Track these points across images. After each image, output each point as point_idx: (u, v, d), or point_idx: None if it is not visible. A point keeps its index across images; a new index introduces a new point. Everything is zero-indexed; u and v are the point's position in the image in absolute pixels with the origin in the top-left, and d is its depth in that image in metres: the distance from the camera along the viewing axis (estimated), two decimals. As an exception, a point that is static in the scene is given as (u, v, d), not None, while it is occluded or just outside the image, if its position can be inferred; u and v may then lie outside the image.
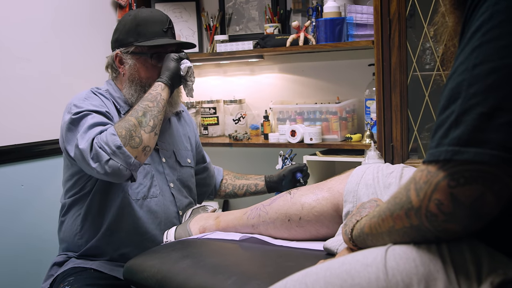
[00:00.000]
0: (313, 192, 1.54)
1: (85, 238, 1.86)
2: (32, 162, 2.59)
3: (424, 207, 0.78)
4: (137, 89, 1.88)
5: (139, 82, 1.88)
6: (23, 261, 2.51)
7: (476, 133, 0.73)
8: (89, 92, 1.86)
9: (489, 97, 0.73)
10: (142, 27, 1.86)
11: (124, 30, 1.89)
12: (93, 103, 1.79)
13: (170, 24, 1.91)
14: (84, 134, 1.67)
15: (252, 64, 3.16)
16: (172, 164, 1.99)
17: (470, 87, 0.75)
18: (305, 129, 2.67)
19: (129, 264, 1.56)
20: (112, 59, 1.93)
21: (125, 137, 1.63)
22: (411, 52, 2.33)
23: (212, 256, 1.47)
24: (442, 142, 0.76)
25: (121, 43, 1.89)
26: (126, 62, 1.89)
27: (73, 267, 1.83)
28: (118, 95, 1.92)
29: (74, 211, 1.88)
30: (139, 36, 1.86)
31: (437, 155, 0.76)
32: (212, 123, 3.11)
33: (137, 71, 1.88)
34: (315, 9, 2.75)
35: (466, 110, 0.74)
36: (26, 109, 2.56)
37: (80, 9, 2.83)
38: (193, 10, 3.21)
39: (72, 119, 1.73)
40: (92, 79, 2.88)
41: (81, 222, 1.86)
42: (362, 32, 2.60)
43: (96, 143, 1.63)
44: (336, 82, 2.94)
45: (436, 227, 0.79)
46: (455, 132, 0.74)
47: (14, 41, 2.52)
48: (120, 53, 1.89)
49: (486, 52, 0.75)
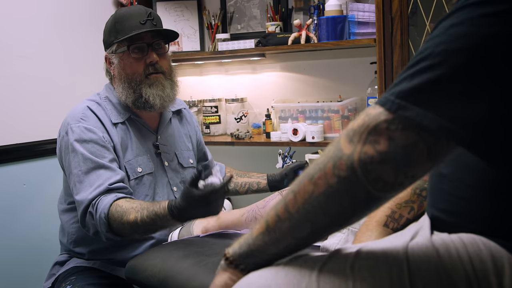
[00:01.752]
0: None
1: (84, 246, 1.87)
2: (34, 161, 2.59)
3: (358, 151, 0.76)
4: (125, 86, 1.84)
5: (126, 79, 1.84)
6: (24, 260, 2.51)
7: (424, 93, 0.75)
8: (85, 109, 1.81)
9: (450, 62, 0.74)
10: (119, 23, 1.84)
11: (106, 31, 1.89)
12: (88, 126, 1.76)
13: (149, 16, 1.85)
14: (79, 184, 1.68)
15: (254, 63, 3.15)
16: (175, 166, 1.98)
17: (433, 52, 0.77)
18: (307, 127, 2.66)
19: (131, 263, 1.56)
20: (105, 65, 1.94)
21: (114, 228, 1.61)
22: (413, 50, 2.33)
23: (214, 255, 1.47)
24: (393, 89, 0.77)
25: (106, 44, 1.89)
26: (113, 62, 1.88)
27: (75, 266, 1.84)
28: (118, 101, 1.89)
29: (71, 219, 1.89)
30: (118, 33, 1.83)
31: (384, 101, 0.77)
32: (214, 122, 3.11)
33: (122, 69, 1.85)
34: (316, 7, 2.75)
35: (423, 69, 0.76)
36: (27, 108, 2.56)
37: (81, 9, 2.83)
38: (194, 9, 3.21)
39: (70, 147, 1.74)
40: (93, 78, 2.88)
41: (78, 230, 1.86)
42: (364, 30, 2.59)
43: (91, 211, 1.63)
44: (338, 80, 2.93)
45: (369, 173, 0.76)
46: (406, 85, 0.76)
47: (16, 40, 2.52)
48: (108, 54, 1.89)
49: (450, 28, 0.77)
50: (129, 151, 1.84)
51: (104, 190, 1.65)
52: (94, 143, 1.73)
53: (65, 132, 1.77)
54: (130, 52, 1.82)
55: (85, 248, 1.86)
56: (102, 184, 1.66)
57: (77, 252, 1.88)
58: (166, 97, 1.86)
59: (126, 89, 1.84)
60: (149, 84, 1.83)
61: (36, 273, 2.50)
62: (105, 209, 1.60)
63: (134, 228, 1.58)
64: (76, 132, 1.74)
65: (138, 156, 1.86)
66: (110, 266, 1.83)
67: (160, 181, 1.91)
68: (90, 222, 1.64)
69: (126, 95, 1.84)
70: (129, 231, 1.60)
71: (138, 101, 1.83)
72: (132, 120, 1.90)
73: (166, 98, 1.86)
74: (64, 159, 1.78)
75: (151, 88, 1.83)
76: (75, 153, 1.72)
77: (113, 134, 1.81)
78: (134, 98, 1.83)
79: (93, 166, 1.69)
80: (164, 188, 1.91)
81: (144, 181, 1.84)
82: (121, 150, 1.81)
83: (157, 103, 1.83)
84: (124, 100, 1.86)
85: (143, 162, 1.86)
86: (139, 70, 1.83)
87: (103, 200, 1.63)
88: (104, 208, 1.61)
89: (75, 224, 1.85)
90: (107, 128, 1.80)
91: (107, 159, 1.72)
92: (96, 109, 1.83)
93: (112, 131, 1.81)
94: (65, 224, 1.90)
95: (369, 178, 0.76)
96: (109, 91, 1.92)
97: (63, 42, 2.73)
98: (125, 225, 1.58)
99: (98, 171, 1.69)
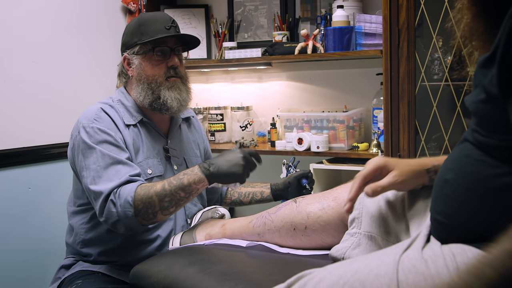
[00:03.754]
0: (318, 201, 1.53)
1: (92, 246, 1.87)
2: (40, 165, 2.60)
3: None
4: (144, 87, 1.88)
5: (145, 80, 1.89)
6: (30, 264, 2.52)
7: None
8: (98, 110, 1.83)
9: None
10: (145, 26, 1.89)
11: (129, 33, 1.92)
12: (102, 127, 1.78)
13: (173, 23, 1.92)
14: (98, 178, 1.69)
15: (260, 71, 3.17)
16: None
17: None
18: (312, 137, 2.67)
19: (136, 269, 1.56)
20: (121, 64, 1.95)
21: (139, 210, 1.64)
22: (419, 62, 2.34)
23: (219, 263, 1.47)
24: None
25: (127, 45, 1.92)
26: (133, 63, 1.91)
27: (81, 270, 1.84)
28: (131, 105, 1.92)
29: (81, 220, 1.89)
30: (142, 35, 1.88)
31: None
32: (219, 130, 3.12)
33: (143, 70, 1.89)
34: (323, 18, 2.76)
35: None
36: (34, 112, 2.58)
37: (90, 15, 2.85)
38: (202, 17, 3.23)
39: (84, 145, 1.75)
40: (101, 84, 2.90)
41: (87, 231, 1.87)
42: (371, 42, 2.60)
43: (112, 200, 1.66)
44: (343, 91, 2.94)
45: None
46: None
47: (27, 45, 2.54)
48: (128, 55, 1.91)
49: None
50: (140, 153, 1.86)
51: (125, 181, 1.69)
52: (108, 143, 1.76)
53: (78, 131, 1.79)
54: (154, 54, 1.88)
55: (93, 249, 1.86)
56: (123, 177, 1.69)
57: (84, 254, 1.88)
58: (183, 101, 1.92)
59: (145, 90, 1.88)
60: (168, 87, 1.89)
61: (40, 276, 2.51)
62: (131, 192, 1.64)
63: (160, 198, 1.64)
64: (91, 133, 1.76)
65: (149, 159, 1.88)
66: (116, 270, 1.84)
67: None
68: (110, 211, 1.65)
69: (144, 96, 1.88)
70: (155, 204, 1.64)
71: (156, 103, 1.88)
72: (144, 123, 1.92)
73: (182, 102, 1.92)
74: (76, 158, 1.79)
75: (169, 91, 1.88)
76: (92, 150, 1.74)
77: (126, 135, 1.83)
78: (152, 99, 1.87)
79: (112, 162, 1.72)
80: None
81: None
82: (133, 151, 1.83)
83: (174, 105, 1.88)
84: (142, 101, 1.89)
85: (153, 164, 1.88)
86: (160, 72, 1.89)
87: (126, 187, 1.67)
88: (130, 191, 1.65)
89: (85, 225, 1.87)
90: (120, 129, 1.82)
91: (123, 157, 1.75)
92: (109, 110, 1.85)
93: (125, 132, 1.84)
94: (75, 225, 1.90)
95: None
96: (121, 95, 1.95)
97: (71, 48, 2.75)
98: (152, 198, 1.64)
99: (116, 166, 1.72)
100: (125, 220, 1.65)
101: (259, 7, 3.12)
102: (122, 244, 1.83)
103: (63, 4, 2.71)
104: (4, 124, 2.46)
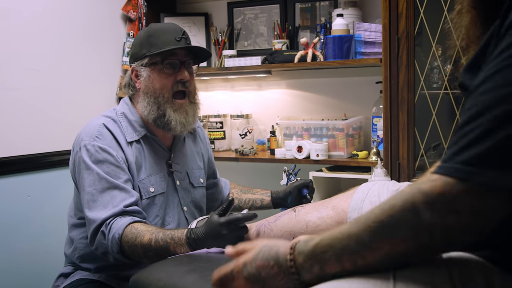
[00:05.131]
0: (317, 210, 1.53)
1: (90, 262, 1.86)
2: (39, 173, 2.60)
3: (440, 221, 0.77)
4: (150, 101, 1.82)
5: (153, 94, 1.82)
6: (28, 272, 2.51)
7: (493, 155, 0.74)
8: (101, 127, 1.78)
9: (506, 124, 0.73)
10: (154, 37, 1.82)
11: (137, 44, 1.86)
12: (103, 146, 1.75)
13: (184, 34, 1.85)
14: (93, 203, 1.69)
15: (260, 80, 3.17)
16: (186, 186, 1.97)
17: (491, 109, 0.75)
18: (312, 145, 2.67)
19: (135, 277, 1.56)
20: (129, 76, 1.89)
21: (125, 251, 1.64)
22: (419, 71, 2.34)
23: (219, 270, 1.46)
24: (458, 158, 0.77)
25: (136, 56, 1.85)
26: (141, 75, 1.84)
27: (80, 278, 1.83)
28: (135, 119, 1.86)
29: (80, 234, 1.87)
30: (151, 47, 1.81)
31: (452, 171, 0.76)
32: (218, 138, 3.12)
33: (151, 82, 1.82)
34: (323, 26, 2.77)
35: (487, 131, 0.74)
36: (34, 120, 2.57)
37: (90, 23, 2.85)
38: (202, 25, 3.24)
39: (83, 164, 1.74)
40: (101, 92, 2.91)
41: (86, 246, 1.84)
42: (370, 50, 2.61)
43: (103, 231, 1.65)
44: (343, 99, 2.95)
45: (448, 241, 0.78)
46: (472, 151, 0.75)
47: (25, 53, 2.54)
48: (136, 67, 1.85)
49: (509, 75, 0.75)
50: (142, 170, 1.82)
51: (119, 212, 1.66)
52: (109, 163, 1.72)
53: (79, 148, 1.76)
54: (163, 66, 1.81)
55: (92, 264, 1.85)
56: (117, 206, 1.66)
57: (83, 268, 1.88)
58: (187, 123, 1.86)
59: (150, 104, 1.82)
60: (174, 109, 1.82)
61: (39, 284, 2.50)
62: (119, 230, 1.62)
63: (145, 251, 1.60)
64: (91, 152, 1.73)
65: (151, 176, 1.84)
66: (115, 280, 1.83)
67: (172, 200, 1.90)
68: (100, 242, 1.65)
69: (149, 110, 1.82)
70: (140, 254, 1.61)
71: (160, 120, 1.82)
72: (147, 138, 1.87)
73: (186, 124, 1.86)
74: (77, 174, 1.78)
75: (175, 113, 1.82)
76: (90, 171, 1.71)
77: (128, 153, 1.79)
78: (157, 115, 1.82)
79: (108, 186, 1.69)
80: (174, 208, 1.90)
81: (156, 201, 1.83)
82: (135, 170, 1.79)
83: (178, 129, 1.83)
84: (146, 116, 1.84)
85: (156, 181, 1.85)
86: (168, 85, 1.82)
87: (118, 221, 1.64)
88: (119, 228, 1.62)
89: (84, 240, 1.84)
90: (122, 147, 1.78)
91: (122, 179, 1.72)
92: (112, 126, 1.80)
93: (127, 150, 1.79)
94: (74, 238, 1.89)
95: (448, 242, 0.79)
96: (125, 107, 1.89)
97: (71, 57, 2.75)
98: (137, 247, 1.60)
99: (112, 192, 1.68)
100: (112, 254, 1.65)
101: (259, 15, 3.13)
102: None
103: (63, 13, 2.71)
104: (3, 132, 2.45)
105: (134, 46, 1.87)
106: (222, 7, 3.23)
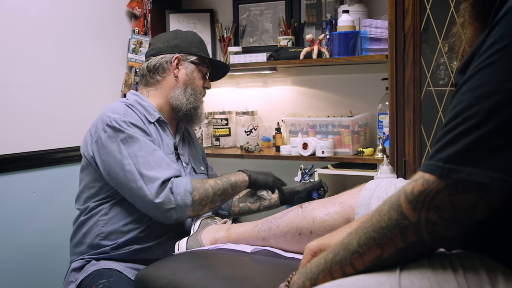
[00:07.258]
0: (324, 206, 1.53)
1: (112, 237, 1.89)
2: (45, 170, 2.60)
3: (424, 218, 0.80)
4: (188, 92, 2.06)
5: (192, 87, 2.07)
6: (35, 268, 2.51)
7: (472, 153, 0.76)
8: (125, 107, 1.92)
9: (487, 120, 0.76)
10: (203, 44, 2.14)
11: (186, 41, 2.09)
12: (134, 121, 1.87)
13: None
14: (148, 164, 1.81)
15: (265, 76, 3.17)
16: (190, 170, 2.09)
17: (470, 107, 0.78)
18: (317, 142, 2.66)
19: (140, 274, 1.56)
20: (160, 63, 2.05)
21: (195, 201, 1.83)
22: (425, 67, 2.33)
23: (224, 268, 1.46)
24: (438, 156, 0.80)
25: (183, 49, 2.07)
26: (185, 67, 2.07)
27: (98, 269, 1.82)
28: (147, 104, 2.01)
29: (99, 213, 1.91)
30: (201, 50, 2.11)
31: (432, 168, 0.79)
32: (224, 134, 3.11)
33: (193, 78, 2.08)
34: (329, 23, 2.76)
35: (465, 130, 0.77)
36: (39, 117, 2.58)
37: (95, 19, 2.85)
38: (207, 21, 3.23)
39: (123, 135, 1.82)
40: (106, 88, 2.91)
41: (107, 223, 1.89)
42: (376, 46, 2.60)
43: (171, 188, 1.79)
44: (349, 95, 2.94)
45: (435, 236, 0.80)
46: (451, 149, 0.78)
47: (31, 50, 2.54)
48: (181, 57, 2.06)
49: (489, 74, 0.77)
50: (161, 149, 1.94)
51: (176, 173, 1.85)
52: (145, 134, 1.87)
53: (105, 125, 1.85)
54: (207, 72, 2.13)
55: (112, 241, 1.88)
56: (171, 166, 1.85)
57: (101, 246, 1.88)
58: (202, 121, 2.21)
59: (188, 95, 2.06)
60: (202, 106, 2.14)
61: (45, 280, 2.51)
62: (188, 183, 1.83)
63: (215, 191, 1.88)
64: (124, 126, 1.84)
65: (168, 155, 1.97)
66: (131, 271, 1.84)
67: None
68: (169, 198, 1.79)
69: (186, 97, 2.05)
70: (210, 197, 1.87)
71: (191, 111, 2.07)
72: (160, 122, 2.02)
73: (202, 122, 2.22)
74: (105, 150, 1.84)
75: (203, 110, 2.14)
76: (134, 138, 1.83)
77: (152, 131, 1.94)
78: (192, 106, 2.07)
79: (154, 148, 1.86)
80: None
81: None
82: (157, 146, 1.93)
83: (200, 122, 2.16)
84: (179, 103, 2.04)
85: (172, 160, 1.96)
86: (201, 86, 2.12)
87: (181, 179, 1.83)
88: (187, 183, 1.82)
89: (105, 216, 1.90)
90: (146, 124, 1.93)
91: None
92: (132, 107, 1.95)
93: (150, 128, 1.95)
94: (91, 221, 1.91)
95: (435, 239, 0.81)
96: (135, 97, 2.03)
97: (76, 53, 2.75)
98: (208, 190, 1.86)
99: (158, 152, 1.86)
100: (180, 208, 1.79)
101: (264, 11, 3.12)
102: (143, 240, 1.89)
103: (68, 9, 2.71)
104: (8, 128, 2.46)
105: (181, 40, 2.09)
106: (227, 3, 3.22)
